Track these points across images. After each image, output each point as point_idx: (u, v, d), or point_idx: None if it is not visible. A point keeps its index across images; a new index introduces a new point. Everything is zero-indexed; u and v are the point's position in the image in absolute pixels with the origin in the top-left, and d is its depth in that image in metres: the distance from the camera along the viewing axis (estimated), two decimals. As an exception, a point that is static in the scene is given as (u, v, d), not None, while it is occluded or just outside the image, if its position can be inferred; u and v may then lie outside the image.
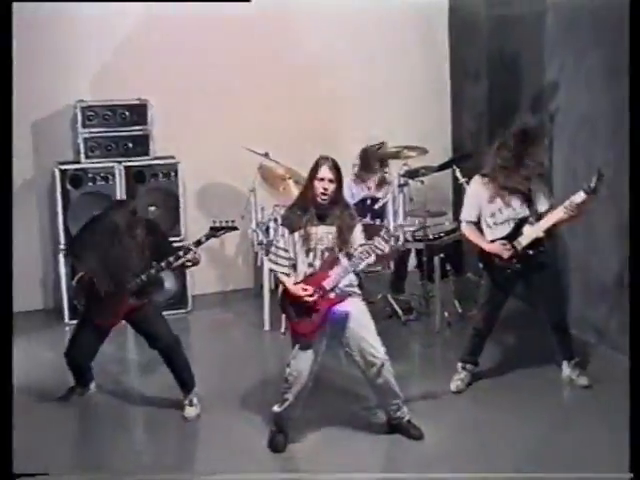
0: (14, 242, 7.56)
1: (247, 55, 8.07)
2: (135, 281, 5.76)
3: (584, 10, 6.68)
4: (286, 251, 5.29)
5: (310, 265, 5.27)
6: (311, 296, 5.21)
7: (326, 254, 5.25)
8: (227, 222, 5.92)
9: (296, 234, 5.26)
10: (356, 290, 5.38)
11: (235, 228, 6.03)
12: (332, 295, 5.24)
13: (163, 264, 5.77)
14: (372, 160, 7.45)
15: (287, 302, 5.33)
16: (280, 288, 5.45)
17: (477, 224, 6.05)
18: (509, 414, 5.77)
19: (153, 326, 5.89)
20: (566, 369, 6.19)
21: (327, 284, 5.22)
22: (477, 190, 6.00)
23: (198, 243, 5.83)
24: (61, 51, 7.72)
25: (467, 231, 6.09)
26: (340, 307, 5.27)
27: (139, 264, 5.78)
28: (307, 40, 8.22)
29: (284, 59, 8.19)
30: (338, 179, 5.26)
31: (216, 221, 5.93)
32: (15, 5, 7.19)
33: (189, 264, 5.89)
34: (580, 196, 5.69)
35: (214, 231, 5.90)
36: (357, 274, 5.35)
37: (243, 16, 7.93)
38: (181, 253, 5.80)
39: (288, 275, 5.30)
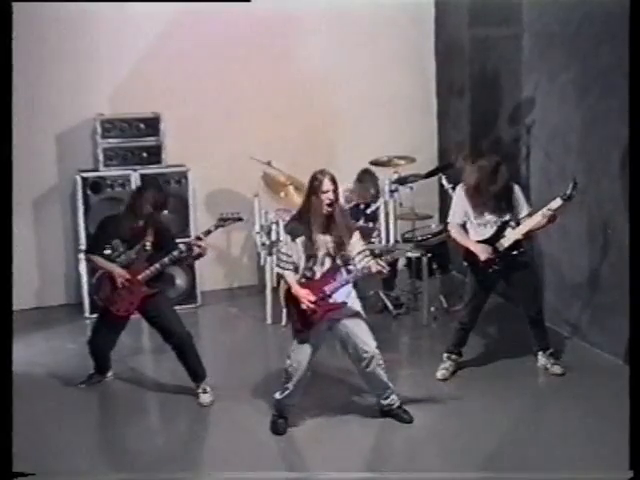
0: (41, 243, 7.79)
1: (250, 74, 8.01)
2: (149, 270, 5.77)
3: (556, 35, 6.68)
4: (289, 256, 5.27)
5: (310, 269, 5.26)
6: (311, 302, 5.18)
7: (326, 259, 5.25)
8: (233, 214, 5.88)
9: (298, 241, 5.24)
10: (352, 295, 5.37)
11: (240, 219, 5.96)
12: (330, 300, 5.24)
13: (175, 253, 5.74)
14: (368, 182, 7.41)
15: (290, 301, 5.33)
16: (282, 285, 5.40)
17: (463, 225, 6.03)
18: (490, 399, 5.76)
19: (167, 321, 5.85)
20: (541, 359, 6.16)
21: (328, 289, 5.23)
22: (463, 196, 5.97)
23: (207, 232, 5.80)
24: (82, 70, 7.66)
25: (454, 232, 6.06)
26: (336, 313, 5.27)
27: (152, 256, 5.79)
28: (306, 60, 8.14)
29: (284, 77, 8.12)
30: (337, 189, 5.24)
31: (223, 213, 5.90)
32: (41, 30, 7.35)
33: (198, 253, 5.81)
34: (557, 202, 5.67)
35: (222, 221, 5.85)
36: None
37: (248, 38, 7.93)
38: (192, 242, 5.80)
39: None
